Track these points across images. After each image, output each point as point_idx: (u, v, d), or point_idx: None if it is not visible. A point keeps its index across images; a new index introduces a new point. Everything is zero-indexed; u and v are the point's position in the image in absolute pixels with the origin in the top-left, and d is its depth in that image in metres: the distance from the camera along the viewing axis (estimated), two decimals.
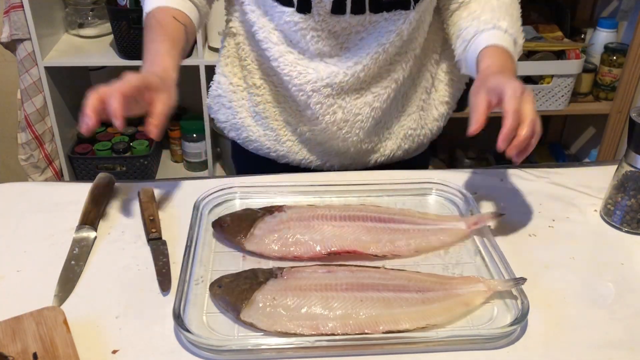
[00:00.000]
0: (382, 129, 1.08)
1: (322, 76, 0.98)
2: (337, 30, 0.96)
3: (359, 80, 0.99)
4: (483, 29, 0.94)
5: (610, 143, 2.10)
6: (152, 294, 0.76)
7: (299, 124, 1.06)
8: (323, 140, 1.07)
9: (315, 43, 0.97)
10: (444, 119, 1.13)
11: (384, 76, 1.01)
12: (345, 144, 1.06)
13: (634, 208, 0.89)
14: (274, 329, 0.70)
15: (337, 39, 0.97)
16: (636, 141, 0.86)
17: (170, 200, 0.95)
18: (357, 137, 1.05)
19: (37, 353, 0.64)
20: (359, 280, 0.76)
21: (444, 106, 1.12)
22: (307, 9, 0.94)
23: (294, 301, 0.72)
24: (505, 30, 0.93)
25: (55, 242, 0.85)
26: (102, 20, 2.06)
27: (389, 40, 0.96)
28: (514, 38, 0.94)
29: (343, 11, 0.94)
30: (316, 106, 1.01)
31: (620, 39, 2.07)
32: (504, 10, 0.96)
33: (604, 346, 0.70)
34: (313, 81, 0.99)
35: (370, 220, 0.86)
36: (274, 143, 1.10)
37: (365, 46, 0.97)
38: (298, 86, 1.00)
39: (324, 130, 1.04)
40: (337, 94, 1.00)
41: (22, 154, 1.98)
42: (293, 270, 0.77)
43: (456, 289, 0.75)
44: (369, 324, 0.70)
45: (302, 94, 1.01)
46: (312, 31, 0.96)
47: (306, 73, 0.99)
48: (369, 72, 0.98)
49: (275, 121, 1.08)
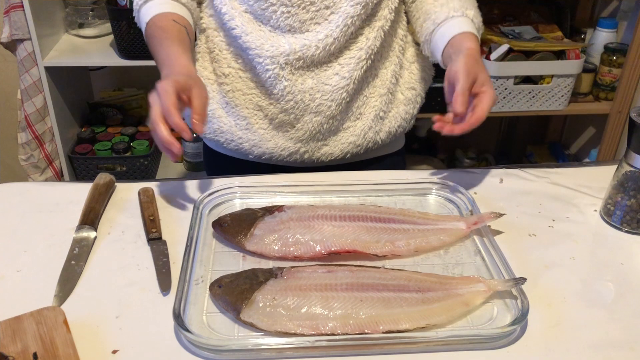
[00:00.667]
0: (352, 107, 1.10)
1: (295, 48, 1.02)
2: (306, 4, 1.00)
3: (329, 52, 1.03)
4: (453, 15, 1.02)
5: (610, 143, 2.10)
6: (152, 294, 0.76)
7: (270, 107, 1.08)
8: (295, 121, 1.08)
9: (286, 19, 1.01)
10: (412, 105, 1.16)
11: (350, 46, 1.05)
12: (318, 119, 1.07)
13: (634, 208, 0.89)
14: (274, 328, 0.70)
15: (307, 13, 1.01)
16: (636, 141, 0.86)
17: (170, 200, 0.95)
18: (330, 111, 1.06)
19: (37, 353, 0.64)
20: (359, 280, 0.76)
21: (411, 92, 1.15)
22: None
23: (294, 301, 0.72)
24: (472, 19, 1.03)
25: (55, 242, 0.85)
26: (102, 20, 2.06)
27: (356, 13, 1.01)
28: (477, 27, 1.05)
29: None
30: (289, 76, 1.03)
31: (620, 39, 2.07)
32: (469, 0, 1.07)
33: (604, 346, 0.70)
34: (286, 53, 1.02)
35: (370, 220, 0.87)
36: (245, 132, 1.10)
37: (334, 20, 1.01)
38: (270, 59, 1.03)
39: (296, 106, 1.06)
40: (307, 66, 1.04)
41: (22, 154, 1.98)
42: (293, 270, 0.77)
43: (456, 289, 0.75)
44: (369, 324, 0.70)
45: (275, 67, 1.03)
46: (282, 7, 1.00)
47: (278, 45, 1.02)
48: (338, 44, 1.03)
49: (245, 109, 1.09)
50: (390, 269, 0.79)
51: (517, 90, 1.97)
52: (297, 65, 1.03)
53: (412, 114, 1.17)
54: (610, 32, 2.02)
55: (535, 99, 2.00)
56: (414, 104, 1.16)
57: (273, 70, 1.03)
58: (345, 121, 1.10)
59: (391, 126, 1.14)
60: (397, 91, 1.14)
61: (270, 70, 1.03)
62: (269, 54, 1.02)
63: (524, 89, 1.97)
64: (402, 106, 1.15)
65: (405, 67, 1.15)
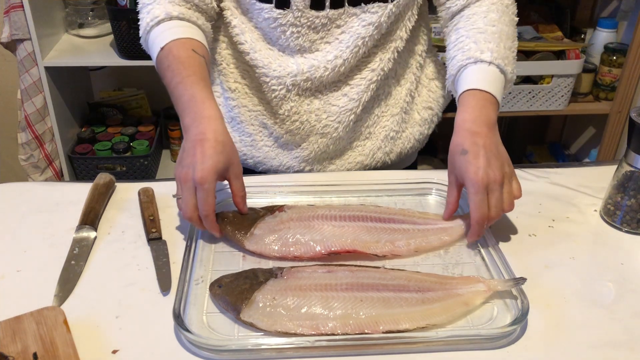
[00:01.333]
0: (361, 127, 1.07)
1: (303, 69, 0.98)
2: (316, 25, 0.96)
3: (339, 73, 0.99)
4: (466, 64, 0.92)
5: (610, 143, 2.10)
6: (152, 294, 0.76)
7: (274, 126, 1.05)
8: (300, 141, 1.06)
9: (295, 39, 0.97)
10: (428, 126, 1.12)
11: (361, 68, 1.01)
12: (324, 141, 1.04)
13: (634, 208, 0.89)
14: (274, 328, 0.70)
15: (317, 34, 0.97)
16: (636, 141, 0.86)
17: (170, 200, 0.94)
18: (337, 133, 1.04)
19: (37, 353, 0.64)
20: (359, 280, 0.76)
21: (427, 112, 1.10)
22: (286, 4, 0.94)
23: (293, 301, 0.72)
24: (490, 62, 0.90)
25: (55, 242, 0.85)
26: (102, 20, 2.06)
27: (368, 34, 0.96)
28: (501, 68, 0.91)
29: (322, 6, 0.94)
30: (295, 97, 1.01)
31: (620, 39, 2.07)
32: (490, 33, 0.93)
33: (604, 346, 0.70)
34: (293, 74, 0.99)
35: (370, 220, 0.86)
36: (250, 149, 1.08)
37: (345, 40, 0.97)
38: (277, 79, 0.99)
39: (301, 127, 1.03)
40: (315, 88, 1.01)
41: (22, 154, 1.98)
42: (293, 270, 0.77)
43: (456, 289, 0.75)
44: (369, 323, 0.70)
45: (281, 88, 1.00)
46: (292, 27, 0.96)
47: (286, 66, 0.99)
48: (348, 66, 0.99)
49: (250, 126, 1.07)
50: (390, 269, 0.79)
51: (517, 90, 1.97)
52: (305, 87, 1.00)
53: (427, 134, 1.12)
54: (610, 32, 2.02)
55: (535, 99, 2.00)
56: (429, 125, 1.12)
57: (279, 90, 1.00)
58: (354, 141, 1.07)
59: (403, 147, 1.10)
60: (412, 110, 1.09)
61: (276, 90, 1.01)
62: (276, 74, 0.99)
63: (524, 89, 1.97)
64: (417, 127, 1.10)
65: (424, 85, 1.10)
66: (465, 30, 0.95)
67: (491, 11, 0.96)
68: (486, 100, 0.88)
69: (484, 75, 0.90)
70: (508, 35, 0.95)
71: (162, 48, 0.91)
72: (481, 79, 0.90)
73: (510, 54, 0.94)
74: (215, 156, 0.80)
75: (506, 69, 0.92)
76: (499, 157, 0.83)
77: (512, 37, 0.96)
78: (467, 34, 0.95)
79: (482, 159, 0.81)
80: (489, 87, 0.89)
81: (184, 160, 0.81)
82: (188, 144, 0.82)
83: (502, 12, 0.96)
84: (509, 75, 0.93)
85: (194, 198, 0.80)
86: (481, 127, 0.85)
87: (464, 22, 0.97)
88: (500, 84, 0.91)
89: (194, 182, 0.79)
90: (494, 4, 0.97)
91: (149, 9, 0.94)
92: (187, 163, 0.81)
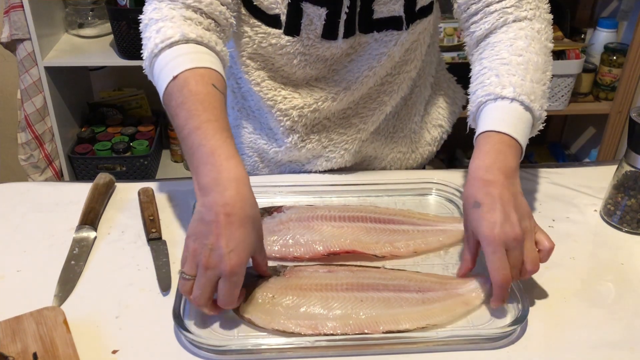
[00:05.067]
0: (368, 149, 1.03)
1: (309, 101, 0.93)
2: (326, 55, 0.90)
3: (347, 102, 0.95)
4: (486, 100, 0.80)
5: (610, 143, 2.10)
6: (152, 294, 0.76)
7: (278, 155, 1.01)
8: (306, 163, 1.02)
9: (303, 68, 0.90)
10: (437, 144, 1.08)
11: (373, 97, 0.96)
12: (329, 164, 1.01)
13: (634, 208, 0.89)
14: (272, 326, 0.70)
15: (326, 63, 0.91)
16: (636, 141, 0.86)
17: (170, 200, 0.94)
18: (342, 159, 1.00)
19: (37, 353, 0.64)
20: (359, 280, 0.76)
21: (438, 130, 1.07)
22: (296, 31, 0.86)
23: (293, 300, 0.72)
24: (513, 99, 0.78)
25: (55, 242, 0.85)
26: (102, 20, 2.06)
27: (379, 63, 0.89)
28: (527, 105, 0.78)
29: (335, 36, 0.87)
30: (302, 129, 0.96)
31: (620, 39, 2.07)
32: (515, 65, 0.80)
33: (604, 346, 0.70)
34: (299, 106, 0.93)
35: (370, 221, 0.86)
36: (250, 169, 1.05)
37: (354, 69, 0.91)
38: (283, 111, 0.94)
39: (307, 153, 0.99)
40: (322, 118, 0.96)
41: (22, 154, 1.98)
42: (295, 270, 0.77)
43: (456, 289, 0.75)
44: (369, 324, 0.70)
45: (287, 119, 0.94)
46: (300, 55, 0.89)
47: (291, 98, 0.93)
48: (357, 95, 0.94)
49: (250, 149, 1.04)
50: (390, 269, 0.79)
51: None
52: (312, 118, 0.94)
53: (434, 152, 1.09)
54: (610, 32, 2.02)
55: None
56: (438, 142, 1.08)
57: (285, 121, 0.95)
58: (360, 162, 1.04)
59: (409, 165, 1.07)
60: (422, 130, 1.05)
61: (282, 121, 0.95)
62: (281, 107, 0.93)
63: None
64: (427, 147, 1.06)
65: (434, 103, 1.05)
66: (489, 61, 0.83)
67: (519, 38, 0.83)
68: (504, 143, 0.76)
69: (504, 115, 0.78)
70: (537, 65, 0.81)
71: (176, 77, 0.74)
72: (500, 118, 0.78)
73: (539, 88, 0.81)
74: (247, 239, 0.68)
75: (533, 105, 0.78)
76: (518, 209, 0.72)
77: (543, 68, 0.83)
78: (489, 65, 0.83)
79: (498, 213, 0.71)
80: (509, 128, 0.76)
81: (204, 238, 0.67)
82: (209, 215, 0.67)
83: (531, 38, 0.83)
84: (536, 113, 0.79)
85: (212, 287, 0.67)
86: (497, 176, 0.73)
87: (489, 51, 0.85)
88: (524, 124, 0.78)
89: (220, 272, 0.66)
90: (522, 29, 0.84)
91: (159, 26, 0.78)
92: (209, 243, 0.66)
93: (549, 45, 0.86)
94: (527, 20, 0.86)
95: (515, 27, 0.85)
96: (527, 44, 0.83)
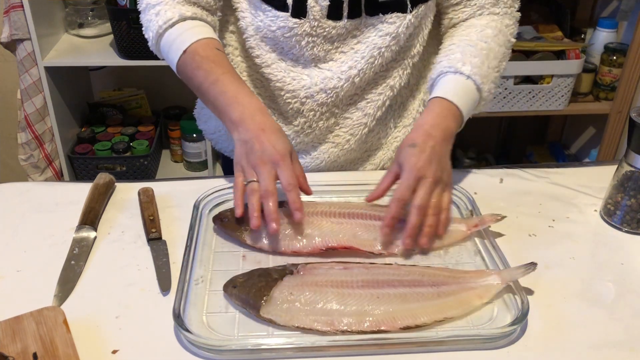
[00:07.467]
0: (374, 138, 1.06)
1: (316, 81, 0.97)
2: (332, 35, 0.94)
3: (354, 85, 0.97)
4: (446, 71, 0.92)
5: (610, 143, 2.10)
6: (152, 294, 0.76)
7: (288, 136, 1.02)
8: (312, 149, 1.05)
9: (310, 49, 0.95)
10: None
11: (379, 82, 1.00)
12: (335, 151, 1.04)
13: (634, 208, 0.89)
14: (292, 324, 0.70)
15: (333, 44, 0.95)
16: (636, 141, 0.86)
17: (170, 200, 0.95)
18: (349, 145, 1.03)
19: (37, 353, 0.64)
20: (374, 276, 0.76)
21: None
22: (302, 13, 0.92)
23: (310, 296, 0.73)
24: (468, 76, 0.91)
25: (55, 242, 0.85)
26: (102, 20, 2.07)
27: (385, 44, 0.94)
28: (478, 84, 0.91)
29: (339, 16, 0.92)
30: (309, 113, 1.00)
31: (620, 39, 2.07)
32: (479, 49, 0.93)
33: (604, 346, 0.70)
34: (307, 87, 0.97)
35: (370, 219, 0.87)
36: None
37: (361, 50, 0.95)
38: (291, 93, 0.98)
39: (315, 139, 1.03)
40: (331, 101, 0.99)
41: (22, 154, 1.98)
42: (309, 267, 0.77)
43: (469, 282, 0.75)
44: (387, 320, 0.71)
45: (295, 101, 0.99)
46: (307, 37, 0.94)
47: (300, 79, 0.97)
48: (364, 77, 0.97)
49: None
50: (402, 265, 0.80)
51: (517, 90, 1.97)
52: (320, 100, 0.98)
53: None
54: (610, 32, 2.02)
55: (535, 99, 2.00)
56: None
57: (293, 104, 0.99)
58: (365, 151, 1.07)
59: None
60: None
61: (290, 104, 1.00)
62: (290, 88, 0.98)
63: (524, 89, 1.97)
64: None
65: None
66: (458, 39, 0.96)
67: (489, 27, 0.96)
68: (450, 111, 0.90)
69: (458, 87, 0.91)
70: (497, 55, 0.95)
71: (185, 51, 0.91)
72: (454, 90, 0.91)
73: (493, 74, 0.94)
74: (283, 139, 0.85)
75: (483, 87, 0.92)
76: (441, 162, 0.86)
77: (501, 58, 0.96)
78: (458, 43, 0.95)
79: (427, 155, 0.84)
80: (458, 100, 0.90)
81: (251, 151, 0.84)
82: (249, 135, 0.84)
83: (499, 30, 0.96)
84: (484, 94, 0.93)
85: (273, 179, 0.82)
86: (437, 132, 0.87)
87: (460, 31, 0.98)
88: (471, 100, 0.92)
89: (273, 163, 0.82)
90: (494, 21, 0.97)
91: (157, 10, 0.93)
92: (257, 150, 0.83)
93: (512, 40, 0.99)
94: (499, 15, 0.98)
95: (489, 18, 0.98)
96: (494, 34, 0.96)
